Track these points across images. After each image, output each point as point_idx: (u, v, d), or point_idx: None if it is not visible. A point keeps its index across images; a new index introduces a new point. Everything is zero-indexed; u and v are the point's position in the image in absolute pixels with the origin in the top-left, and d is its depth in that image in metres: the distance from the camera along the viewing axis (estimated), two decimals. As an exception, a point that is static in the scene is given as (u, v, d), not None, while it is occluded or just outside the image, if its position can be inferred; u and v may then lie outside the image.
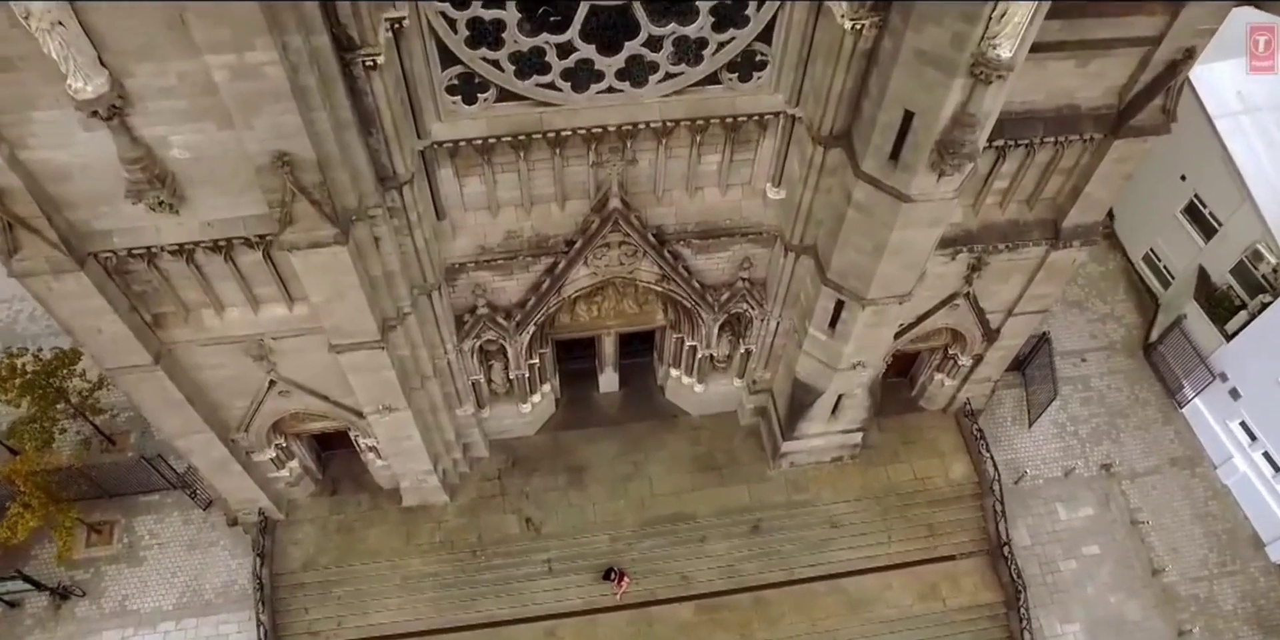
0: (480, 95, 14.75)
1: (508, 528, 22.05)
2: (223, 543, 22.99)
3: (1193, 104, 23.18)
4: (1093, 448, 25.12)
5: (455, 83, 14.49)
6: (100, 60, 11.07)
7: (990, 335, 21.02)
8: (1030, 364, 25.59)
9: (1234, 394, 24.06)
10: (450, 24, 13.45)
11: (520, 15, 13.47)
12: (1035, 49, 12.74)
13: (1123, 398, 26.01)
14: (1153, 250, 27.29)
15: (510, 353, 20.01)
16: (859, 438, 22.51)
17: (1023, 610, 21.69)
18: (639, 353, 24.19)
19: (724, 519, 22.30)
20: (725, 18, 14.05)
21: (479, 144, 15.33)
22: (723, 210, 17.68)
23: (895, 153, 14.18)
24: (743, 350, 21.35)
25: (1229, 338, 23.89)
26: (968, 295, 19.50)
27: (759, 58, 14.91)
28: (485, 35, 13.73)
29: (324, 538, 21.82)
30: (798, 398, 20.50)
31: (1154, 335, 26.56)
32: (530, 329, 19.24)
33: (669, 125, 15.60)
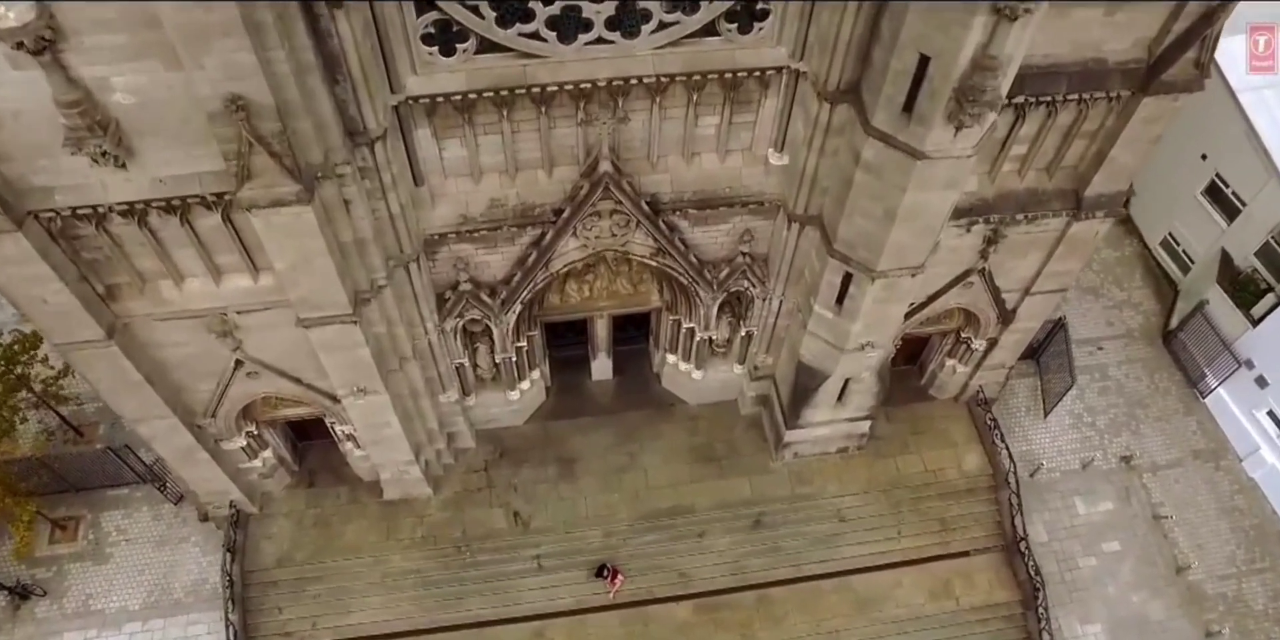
0: (459, 45, 13.59)
1: (494, 522, 20.79)
2: (194, 539, 21.75)
3: (1214, 78, 22.09)
4: (1111, 439, 23.92)
5: (431, 31, 13.32)
6: (25, -16, 9.96)
7: (1006, 317, 19.83)
8: (1045, 352, 24.42)
9: (1260, 382, 22.86)
10: (424, -39, 12.39)
11: (500, -48, 12.41)
12: (1061, -7, 11.67)
13: (1142, 387, 24.83)
14: (1171, 234, 26.15)
15: (496, 334, 18.82)
16: (866, 427, 21.28)
17: (1041, 610, 20.43)
18: (634, 339, 23.02)
19: (724, 513, 21.06)
20: (724, -41, 12.98)
21: (458, 101, 14.16)
22: (721, 178, 16.51)
23: (909, 104, 13.01)
24: (743, 333, 20.16)
25: (1255, 323, 22.72)
26: (983, 272, 18.32)
27: (760, 7, 13.76)
28: (463, -25, 12.65)
29: (299, 532, 20.57)
30: (802, 382, 19.30)
31: (1174, 322, 25.40)
32: (517, 307, 18.05)
33: (663, 81, 14.44)
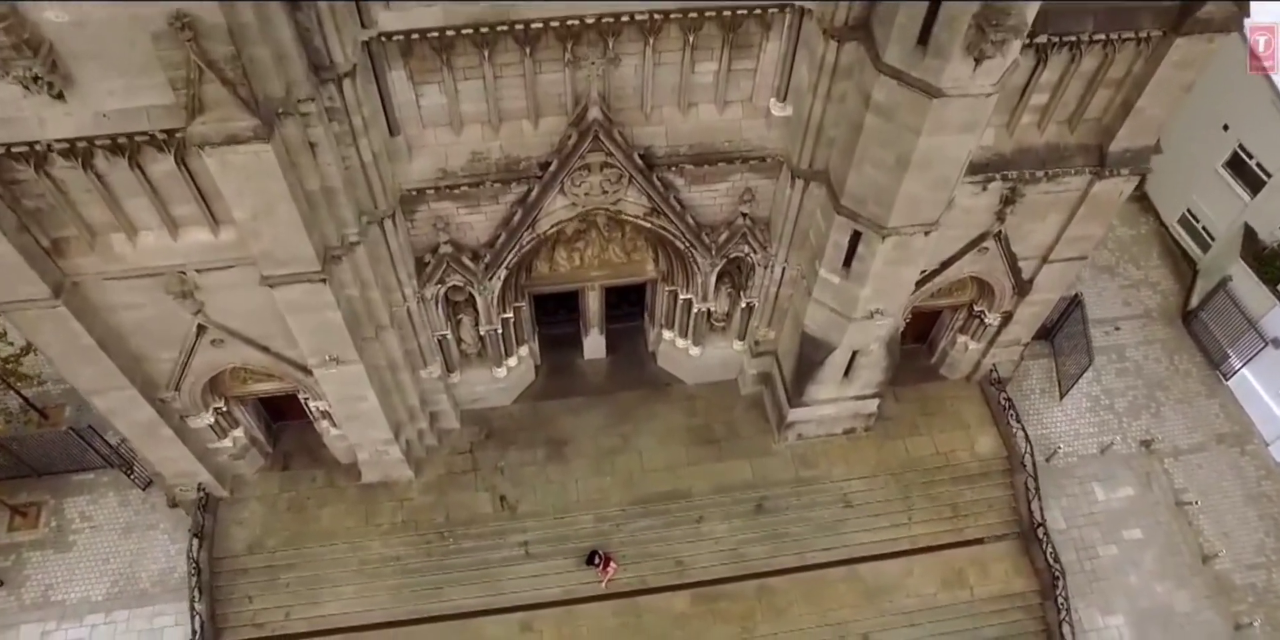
0: (435, -26, 12.55)
1: (479, 506, 19.58)
2: (162, 526, 20.53)
3: (1237, 46, 21.01)
4: (1130, 422, 22.73)
5: (404, -44, 12.29)
6: None
7: (1022, 287, 18.68)
8: (1059, 332, 23.26)
9: (1288, 361, 21.75)
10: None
11: None
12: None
13: (1161, 369, 23.67)
14: (1189, 211, 25.03)
15: (480, 304, 17.66)
16: (874, 405, 20.11)
17: (1061, 599, 19.21)
18: (628, 316, 21.88)
19: (723, 497, 19.85)
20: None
21: (435, 39, 13.06)
22: (720, 131, 15.40)
23: (924, 35, 11.92)
24: (743, 305, 19.01)
25: (1283, 299, 21.61)
26: (999, 236, 17.19)
27: (762, -65, 12.76)
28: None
29: (272, 517, 19.35)
30: (806, 355, 18.15)
31: (1194, 301, 24.24)
32: (501, 273, 16.90)
33: (656, 20, 13.36)
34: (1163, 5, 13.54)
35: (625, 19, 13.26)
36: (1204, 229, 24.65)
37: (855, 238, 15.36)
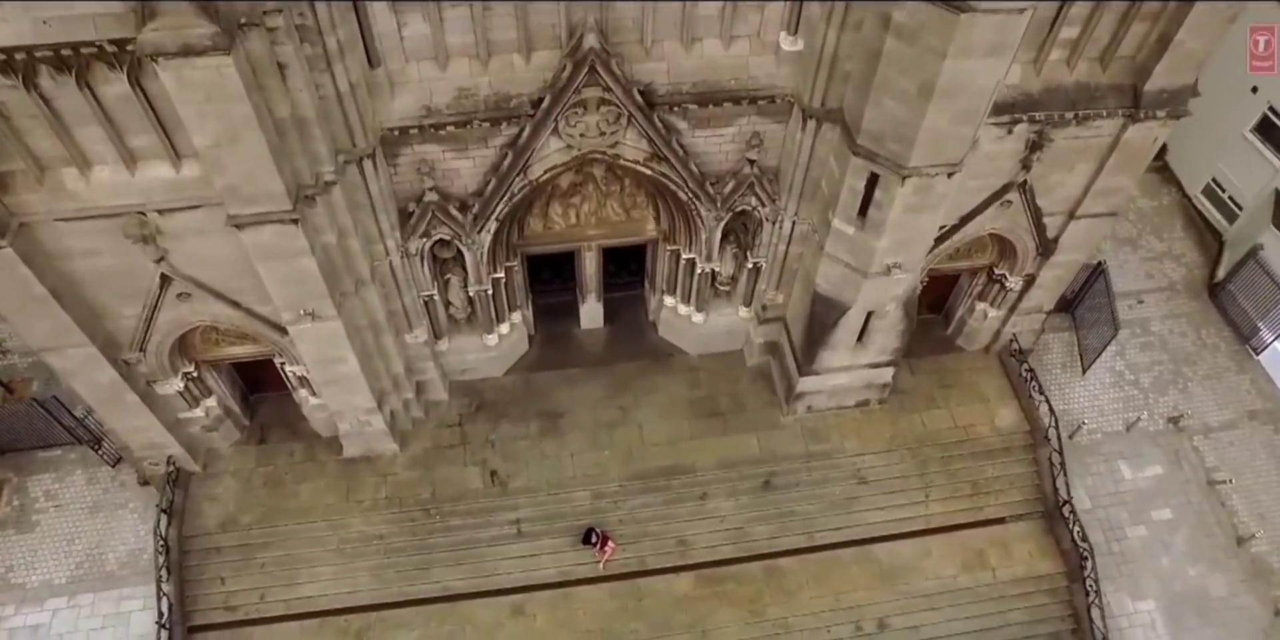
0: (415, -120, 11.51)
1: (468, 482, 18.36)
2: (132, 505, 19.31)
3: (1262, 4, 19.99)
4: (1157, 399, 21.56)
5: None
6: None
7: (1046, 246, 17.55)
8: (1080, 304, 22.13)
9: (1325, 333, 20.63)
10: None
11: None
12: None
13: (1188, 343, 22.53)
14: (1215, 180, 23.93)
15: (468, 261, 16.52)
16: (889, 375, 18.93)
17: (1090, 582, 17.99)
18: (628, 284, 20.74)
19: (729, 473, 18.64)
20: None
21: (418, -44, 12.06)
22: (725, 67, 14.30)
23: (952, -59, 10.89)
24: (750, 266, 17.86)
25: (1318, 266, 20.53)
26: (1023, 187, 16.07)
27: None
28: None
29: (247, 493, 18.13)
30: (818, 317, 16.98)
31: (1220, 274, 23.14)
32: (491, 225, 15.77)
33: (658, -61, 12.36)
34: (1208, -80, 12.54)
35: (624, -64, 12.27)
36: (1230, 198, 23.52)
37: (872, 182, 14.23)
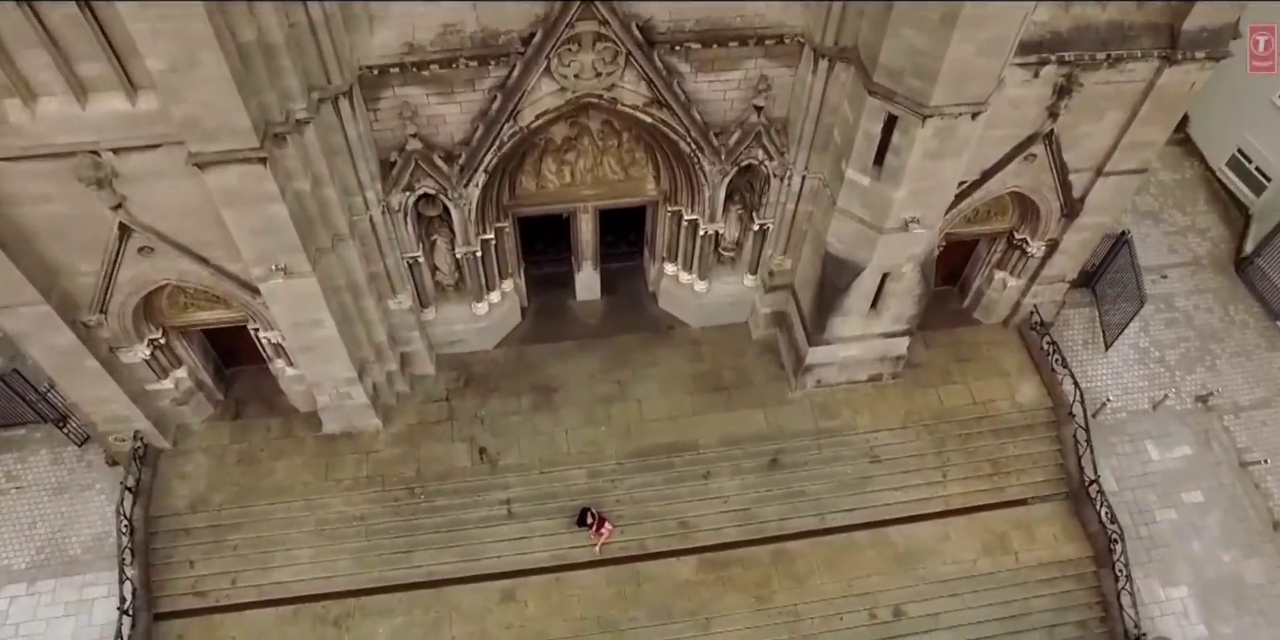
0: None
1: (455, 459, 17.21)
2: (99, 486, 18.16)
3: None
4: (1184, 376, 20.47)
5: None
6: None
7: (1071, 207, 16.49)
8: (1102, 278, 21.06)
9: (1362, 306, 19.57)
10: None
11: None
12: None
13: (1215, 319, 21.45)
14: (1240, 150, 22.88)
15: (455, 219, 15.44)
16: (904, 347, 17.82)
17: (1120, 566, 16.84)
18: (626, 255, 19.68)
19: (734, 450, 17.50)
20: None
21: None
22: (731, 5, 13.27)
23: None
24: (756, 228, 16.79)
25: (1353, 237, 19.49)
26: (1049, 138, 15.02)
27: None
28: None
29: (219, 471, 16.97)
30: (829, 281, 15.89)
31: (1248, 248, 22.09)
32: (480, 178, 14.69)
33: None
34: None
35: None
36: (1257, 169, 22.50)
37: (889, 126, 13.16)
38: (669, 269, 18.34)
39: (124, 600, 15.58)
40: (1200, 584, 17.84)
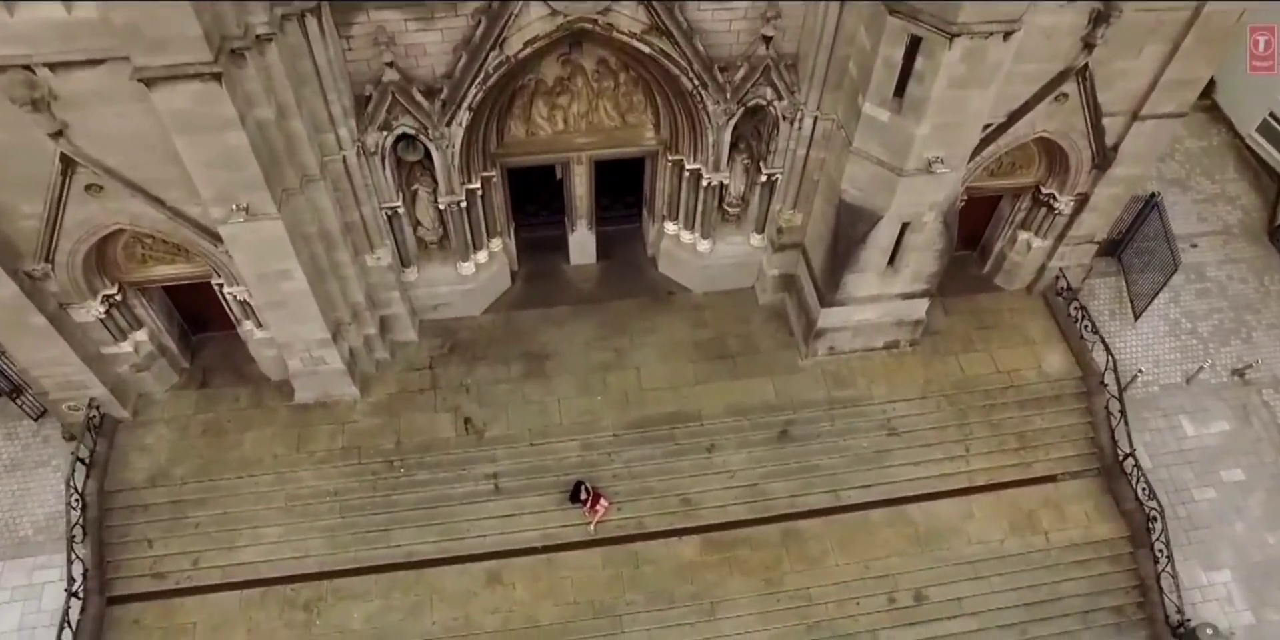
0: None
1: (438, 430, 15.91)
2: (55, 463, 16.80)
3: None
4: (1218, 349, 19.20)
5: None
6: None
7: (1104, 155, 15.28)
8: (1128, 247, 19.85)
9: None
10: None
11: None
12: None
13: (1249, 290, 20.20)
14: (1272, 114, 21.70)
15: (438, 163, 14.21)
16: (923, 310, 16.56)
17: (1160, 545, 15.52)
18: (623, 218, 18.46)
19: (740, 421, 16.20)
20: None
21: None
22: (738, -83, 12.19)
23: None
24: (763, 179, 15.58)
25: (1398, 198, 18.28)
26: (1083, 75, 13.82)
27: None
28: None
29: (182, 442, 15.65)
30: (843, 233, 14.65)
31: (1281, 216, 20.99)
32: (463, 115, 13.47)
33: None
34: None
35: None
36: (1290, 134, 21.44)
37: (912, 50, 11.96)
38: (670, 228, 17.11)
39: (72, 581, 14.23)
40: (1245, 568, 16.49)
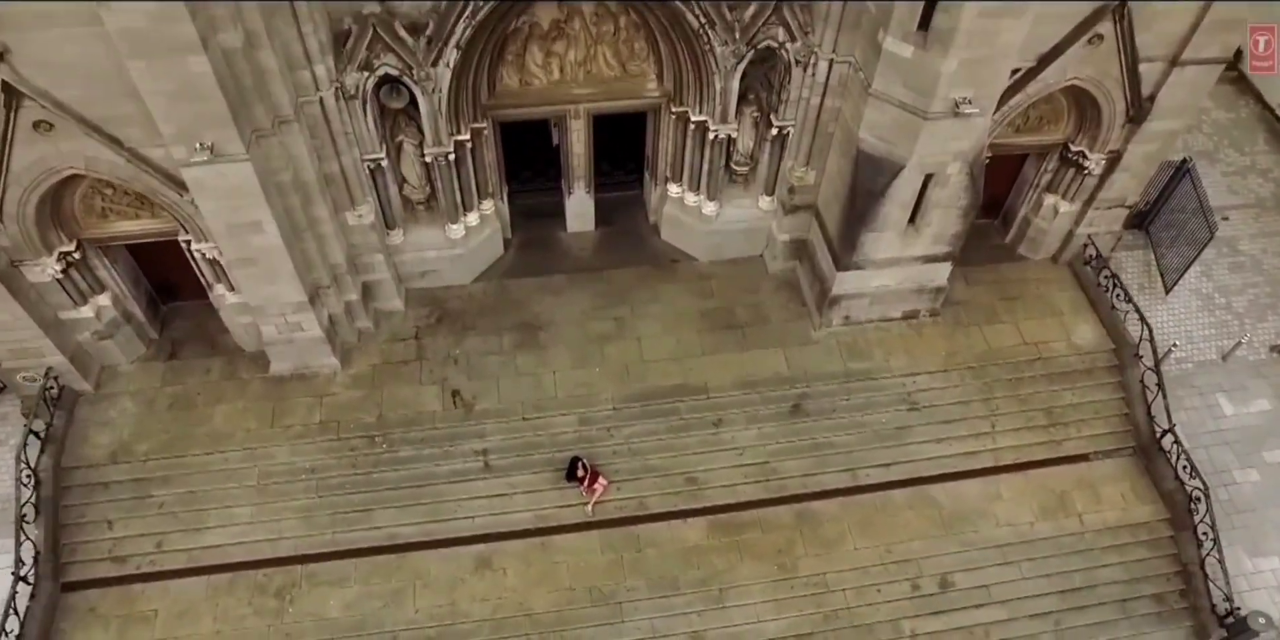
0: None
1: (424, 403, 14.75)
2: (13, 443, 15.69)
3: None
4: (1255, 324, 18.09)
5: None
6: None
7: (1139, 106, 14.24)
8: (1156, 220, 18.80)
9: None
10: None
11: None
12: None
13: (1285, 264, 19.25)
14: (1302, 84, 20.88)
15: (424, 109, 13.15)
16: (945, 276, 15.46)
17: (1205, 528, 14.33)
18: (624, 184, 17.42)
19: (749, 394, 15.06)
20: None
21: None
22: None
23: None
24: (774, 133, 14.53)
25: None
26: (1119, 14, 12.80)
27: None
28: None
29: (148, 416, 14.50)
30: (862, 185, 13.58)
31: (1316, 188, 19.97)
32: (451, 54, 12.43)
33: None
34: None
35: None
36: (1322, 103, 20.50)
37: (940, -26, 11.00)
38: (673, 191, 16.06)
39: (21, 564, 13.01)
40: (1294, 554, 15.38)
